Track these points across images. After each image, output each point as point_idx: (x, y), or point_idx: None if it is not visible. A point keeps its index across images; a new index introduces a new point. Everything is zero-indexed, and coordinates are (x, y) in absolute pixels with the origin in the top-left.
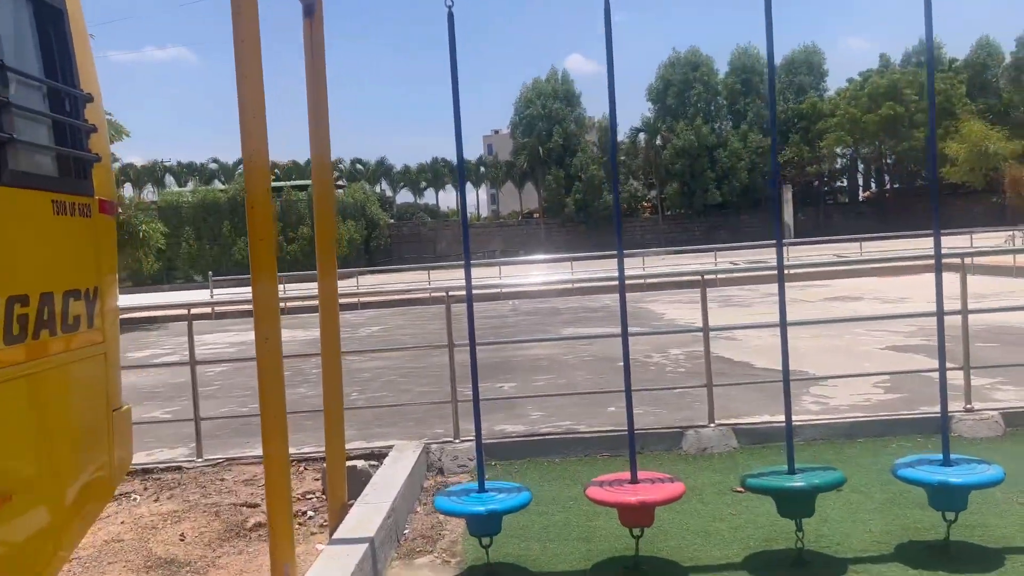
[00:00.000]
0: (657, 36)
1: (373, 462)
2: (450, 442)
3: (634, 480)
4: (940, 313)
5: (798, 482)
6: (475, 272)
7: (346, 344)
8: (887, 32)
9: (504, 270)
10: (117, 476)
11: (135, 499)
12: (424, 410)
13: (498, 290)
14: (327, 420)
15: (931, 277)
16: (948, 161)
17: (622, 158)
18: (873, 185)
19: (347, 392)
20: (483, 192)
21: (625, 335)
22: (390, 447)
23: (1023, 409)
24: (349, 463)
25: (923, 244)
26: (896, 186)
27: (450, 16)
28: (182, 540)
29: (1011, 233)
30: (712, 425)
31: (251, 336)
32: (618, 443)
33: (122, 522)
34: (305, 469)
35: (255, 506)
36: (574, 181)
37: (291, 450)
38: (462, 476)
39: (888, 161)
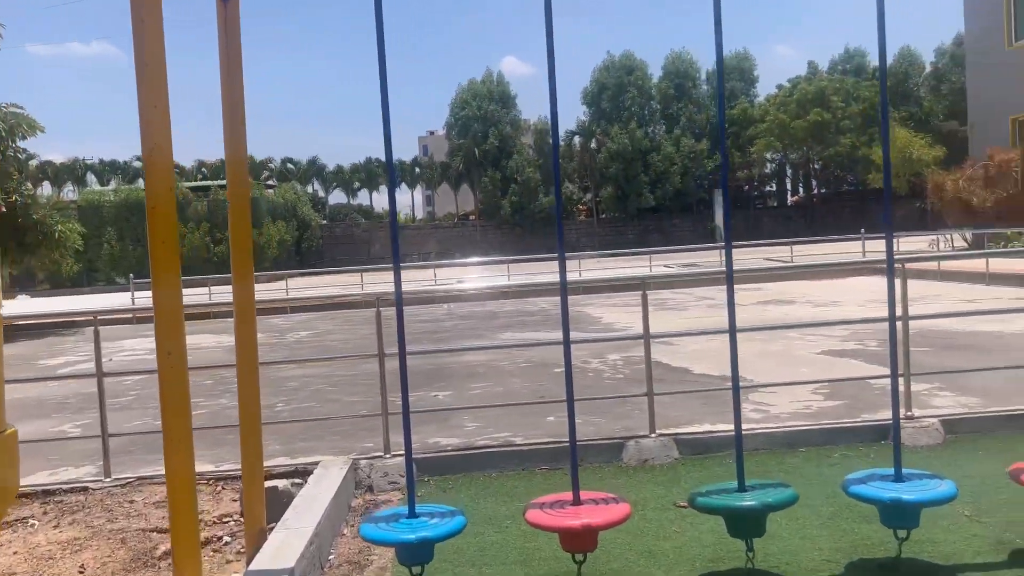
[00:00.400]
0: (592, 40)
1: (297, 480)
2: (380, 457)
3: (576, 501)
4: (892, 319)
5: (749, 501)
6: (410, 275)
7: (274, 350)
8: (814, 41)
9: (439, 272)
10: (0, 505)
11: (32, 525)
12: (353, 422)
13: (433, 292)
14: (243, 437)
15: (860, 281)
16: (874, 167)
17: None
18: (801, 190)
19: (272, 403)
20: (418, 193)
21: (567, 346)
22: (316, 463)
23: (962, 416)
24: (270, 483)
25: (851, 248)
26: (823, 191)
27: (377, 2)
28: (82, 573)
29: (935, 237)
30: (653, 435)
31: None
32: (558, 456)
33: (15, 552)
34: (223, 489)
35: (166, 531)
36: (510, 183)
37: (209, 468)
38: (392, 494)
39: (815, 167)
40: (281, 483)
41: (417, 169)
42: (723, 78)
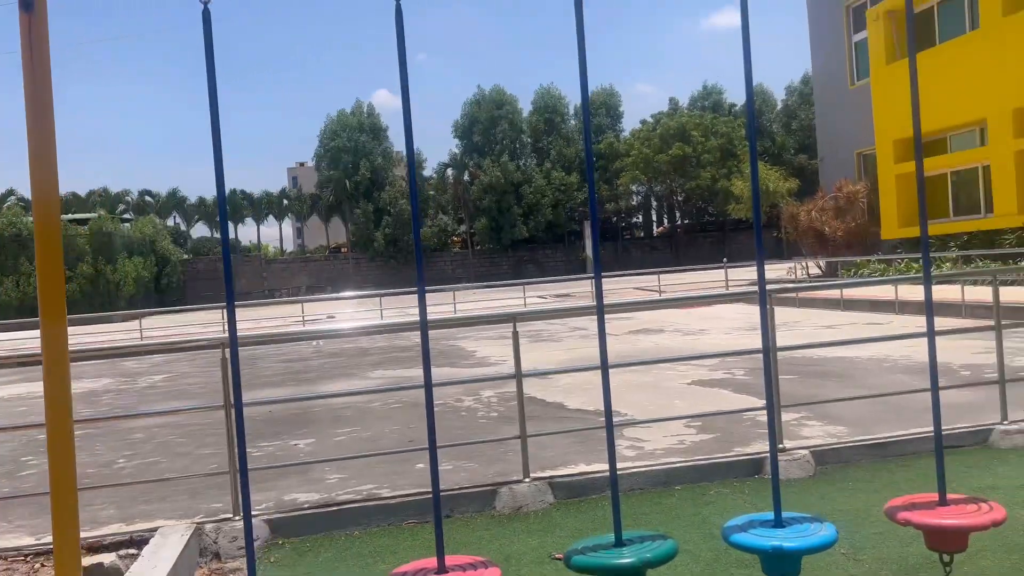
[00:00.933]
0: (462, 75)
1: (132, 551)
2: (229, 519)
3: (441, 570)
4: (767, 352)
5: (628, 558)
6: (277, 311)
7: (121, 397)
8: (674, 78)
9: (308, 307)
10: None
11: None
12: (203, 479)
13: (289, 335)
14: (55, 509)
15: (725, 308)
16: (732, 198)
17: (431, 192)
18: (666, 221)
19: (112, 460)
20: (288, 226)
21: (429, 395)
22: (154, 530)
23: (831, 447)
24: (95, 558)
25: (714, 276)
26: (686, 222)
27: (205, 14)
28: None
29: (792, 265)
30: (527, 480)
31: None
32: (427, 508)
33: None
34: (42, 566)
35: None
36: (383, 215)
37: (28, 541)
38: (243, 560)
39: (679, 198)
40: (109, 558)
41: (285, 201)
42: (589, 113)
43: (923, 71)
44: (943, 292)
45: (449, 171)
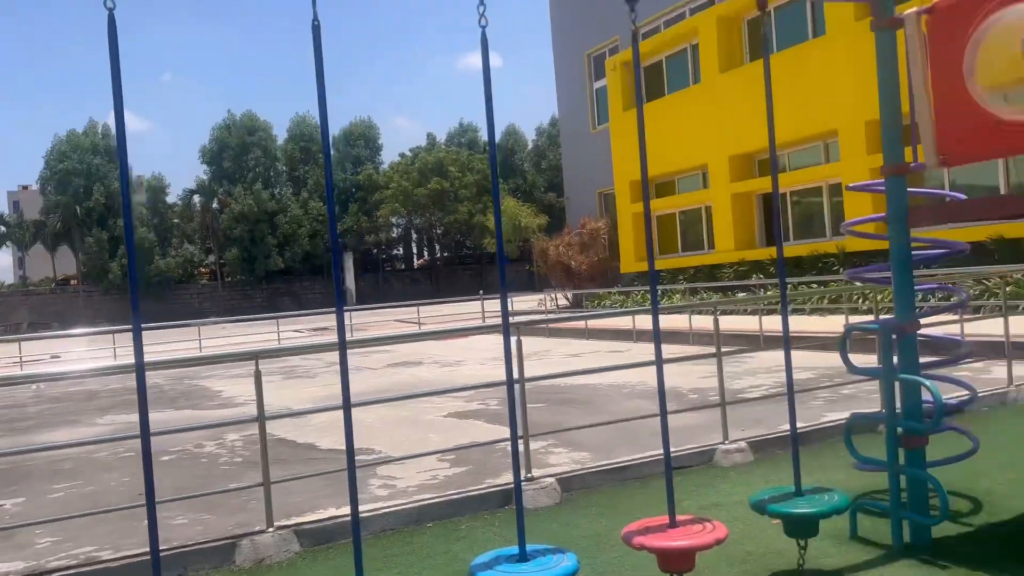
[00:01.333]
0: (213, 98)
1: None
2: None
3: None
4: (510, 384)
5: None
6: None
7: None
8: (431, 114)
9: (28, 346)
10: None
11: None
12: None
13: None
14: None
15: (480, 339)
16: (488, 233)
17: (175, 221)
18: (426, 253)
19: None
20: (7, 255)
21: (147, 441)
22: None
23: (574, 473)
24: None
25: (471, 308)
26: (446, 254)
27: None
28: None
29: (542, 296)
30: (271, 530)
31: None
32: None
33: None
34: None
35: None
36: (119, 244)
37: None
38: None
39: (438, 232)
40: None
41: (4, 228)
42: (329, 148)
43: (653, 119)
44: (673, 321)
45: (196, 198)
